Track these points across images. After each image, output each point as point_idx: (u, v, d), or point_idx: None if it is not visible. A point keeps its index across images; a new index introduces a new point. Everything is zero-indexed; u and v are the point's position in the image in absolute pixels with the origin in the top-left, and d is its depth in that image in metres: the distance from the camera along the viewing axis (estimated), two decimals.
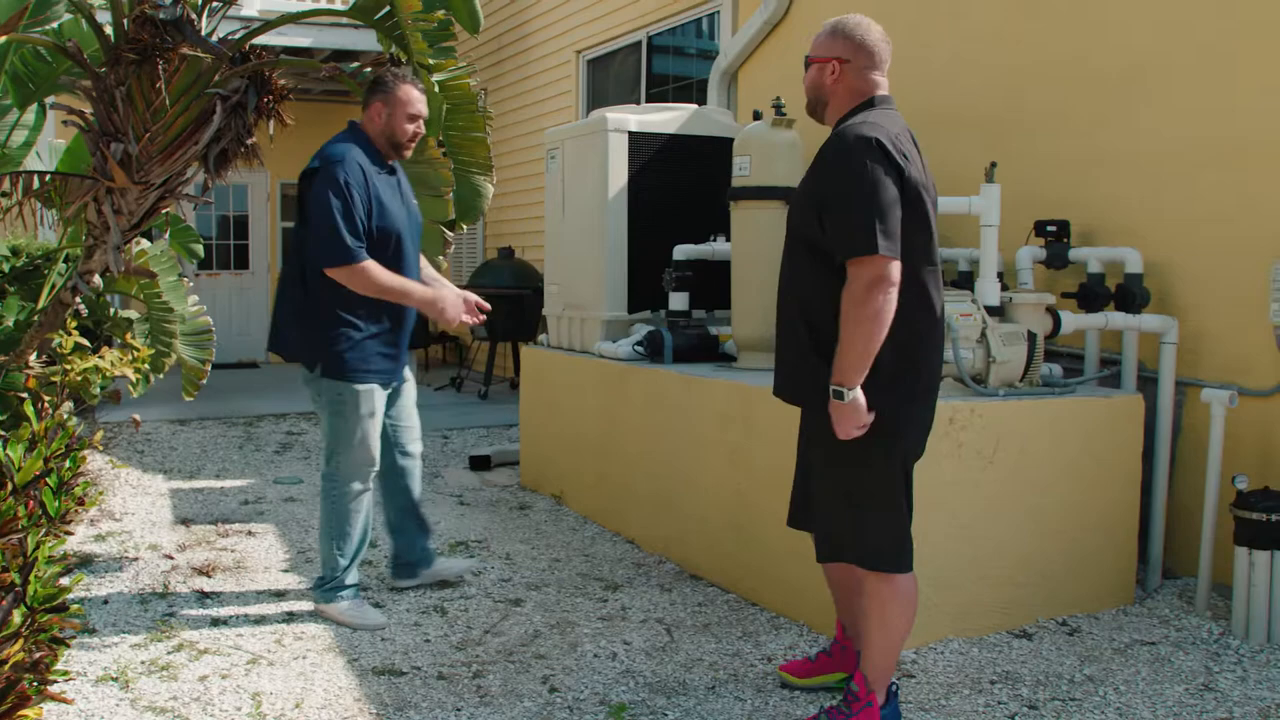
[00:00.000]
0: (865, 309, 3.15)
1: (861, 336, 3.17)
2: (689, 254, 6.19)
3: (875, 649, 3.47)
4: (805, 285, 3.42)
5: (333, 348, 4.46)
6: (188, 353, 6.83)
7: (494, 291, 10.63)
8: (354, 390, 4.50)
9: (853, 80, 3.42)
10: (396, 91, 4.51)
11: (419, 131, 4.60)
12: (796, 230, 3.45)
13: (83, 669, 4.01)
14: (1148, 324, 5.01)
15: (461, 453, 8.29)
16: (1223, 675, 4.07)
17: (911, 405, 3.42)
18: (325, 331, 4.46)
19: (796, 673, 3.96)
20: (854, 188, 3.18)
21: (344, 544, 4.62)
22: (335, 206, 4.32)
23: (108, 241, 4.95)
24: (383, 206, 4.44)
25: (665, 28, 9.27)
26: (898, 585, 3.44)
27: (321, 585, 4.65)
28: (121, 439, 8.55)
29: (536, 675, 4.05)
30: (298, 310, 4.55)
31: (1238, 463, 4.77)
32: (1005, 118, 5.90)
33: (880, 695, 3.50)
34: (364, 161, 4.45)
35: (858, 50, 3.41)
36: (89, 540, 5.71)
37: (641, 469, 5.81)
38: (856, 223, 3.16)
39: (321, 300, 4.46)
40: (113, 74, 4.75)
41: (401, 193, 4.64)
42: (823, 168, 3.34)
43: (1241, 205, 4.84)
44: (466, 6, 4.99)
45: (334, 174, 4.36)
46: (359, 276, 4.36)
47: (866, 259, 3.14)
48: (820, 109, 3.53)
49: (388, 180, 4.56)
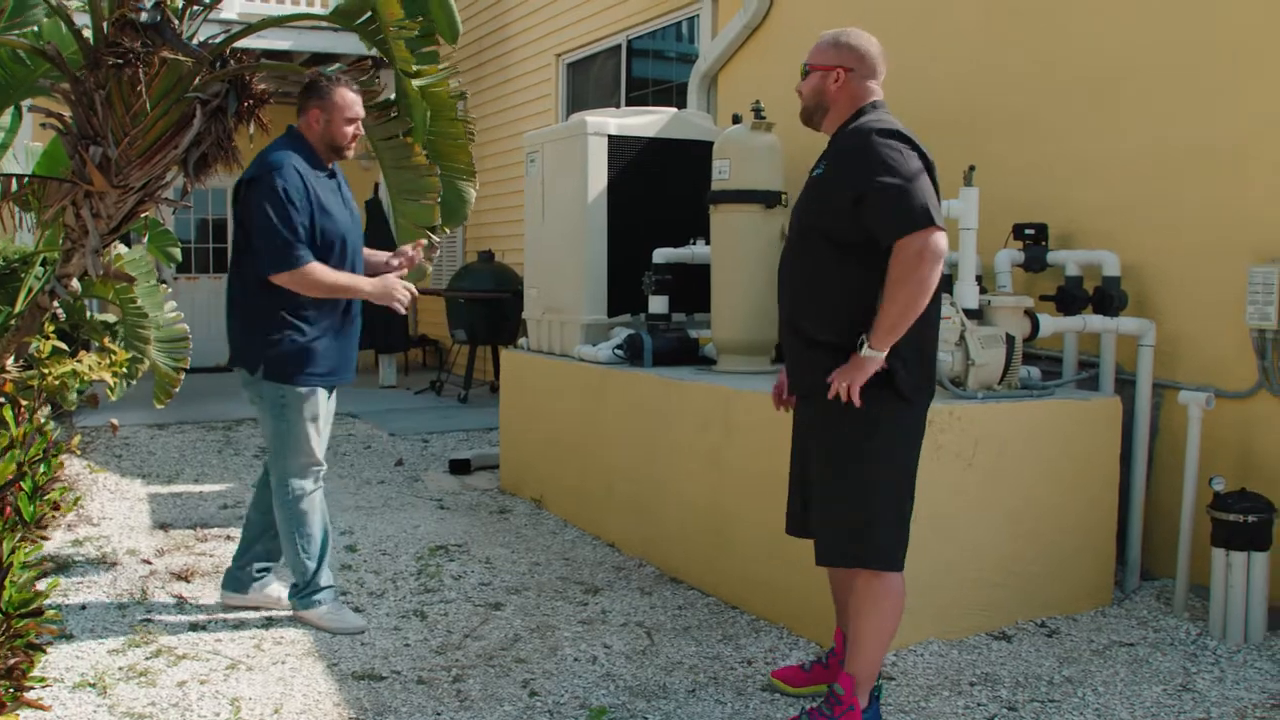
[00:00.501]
0: (913, 276, 3.27)
1: (903, 302, 3.29)
2: (669, 257, 6.20)
3: (866, 647, 3.50)
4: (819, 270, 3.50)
5: (275, 350, 4.42)
6: (161, 359, 6.79)
7: (474, 295, 10.64)
8: (297, 393, 4.46)
9: (854, 88, 3.57)
10: (333, 96, 4.46)
11: (358, 134, 4.57)
12: (814, 219, 3.53)
13: (59, 675, 3.98)
14: (1125, 327, 5.03)
15: (441, 456, 8.28)
16: (1200, 676, 4.10)
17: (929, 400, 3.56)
18: (268, 334, 4.42)
19: (790, 682, 3.96)
20: (896, 173, 3.31)
21: (308, 545, 4.57)
22: (275, 214, 4.29)
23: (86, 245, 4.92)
24: (325, 210, 4.42)
25: (645, 31, 9.28)
26: (893, 583, 3.49)
27: (297, 591, 4.62)
28: (99, 443, 8.50)
29: (516, 679, 4.04)
30: (240, 315, 4.51)
31: (1215, 464, 4.80)
32: (983, 122, 5.93)
33: (863, 699, 3.52)
34: (302, 167, 4.42)
35: (861, 60, 3.57)
36: (66, 545, 5.68)
37: (621, 472, 5.81)
38: (907, 203, 3.28)
39: (264, 304, 4.41)
40: (92, 77, 4.73)
41: (342, 195, 4.61)
42: (851, 161, 3.43)
43: (1218, 209, 4.88)
44: (446, 16, 4.98)
45: (272, 182, 4.32)
46: (306, 279, 4.34)
47: (920, 232, 3.26)
48: (820, 115, 3.64)
49: (328, 183, 4.53)
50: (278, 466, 4.55)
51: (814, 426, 3.59)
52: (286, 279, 4.33)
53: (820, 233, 3.50)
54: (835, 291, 3.47)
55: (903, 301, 3.29)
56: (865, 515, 3.46)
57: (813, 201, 3.56)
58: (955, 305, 4.65)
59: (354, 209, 4.70)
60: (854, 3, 6.77)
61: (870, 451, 3.44)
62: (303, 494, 4.55)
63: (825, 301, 3.49)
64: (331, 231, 4.44)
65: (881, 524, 3.46)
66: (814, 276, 3.52)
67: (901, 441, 3.49)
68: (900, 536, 3.51)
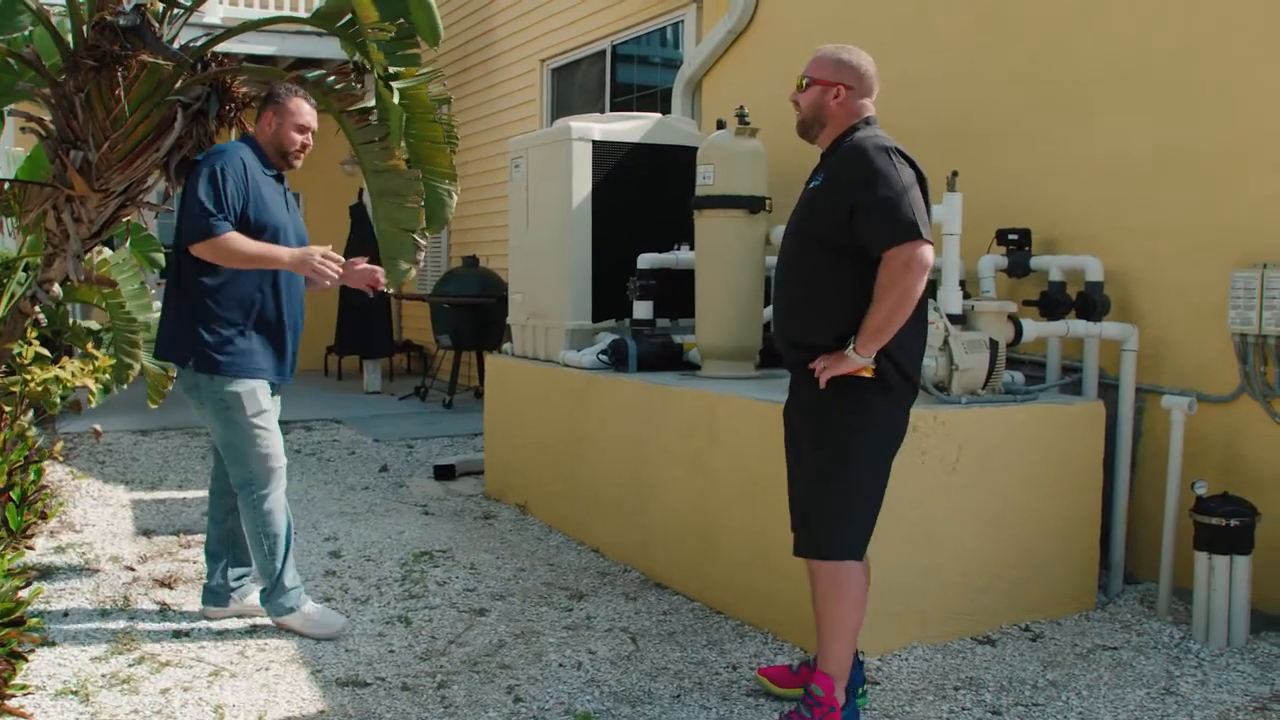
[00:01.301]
0: (898, 286, 3.41)
1: (888, 309, 3.43)
2: (653, 263, 6.19)
3: (834, 640, 3.59)
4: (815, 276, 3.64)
5: (207, 341, 4.37)
6: (151, 361, 6.78)
7: (459, 300, 10.63)
8: (234, 393, 4.39)
9: (852, 106, 3.71)
10: (287, 103, 4.51)
11: (307, 143, 4.58)
12: (810, 226, 3.66)
13: (42, 683, 3.96)
14: (1108, 331, 5.05)
15: (426, 462, 8.26)
16: (1184, 679, 4.11)
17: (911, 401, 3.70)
18: (200, 327, 4.37)
19: (777, 681, 4.00)
20: (889, 186, 3.45)
21: (274, 546, 4.52)
22: (203, 190, 4.29)
23: (67, 250, 4.91)
24: (262, 199, 4.42)
25: (629, 37, 9.28)
26: (850, 572, 3.59)
27: (265, 596, 4.58)
28: (82, 449, 8.46)
29: (501, 685, 4.04)
30: (173, 306, 4.47)
31: (1197, 468, 4.81)
32: (966, 128, 5.94)
33: (841, 697, 3.58)
34: (248, 158, 4.45)
35: (860, 79, 3.71)
36: (49, 552, 5.65)
37: (606, 478, 5.81)
38: (897, 216, 3.42)
39: (197, 295, 4.38)
40: (72, 80, 4.72)
41: (286, 200, 4.61)
42: (847, 173, 3.56)
43: (1201, 214, 4.90)
44: (427, 19, 4.98)
45: (210, 163, 4.35)
46: (222, 248, 4.27)
47: (908, 244, 3.40)
48: (817, 129, 3.76)
49: (273, 183, 4.54)
50: (236, 472, 4.50)
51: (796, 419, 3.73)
52: (205, 249, 4.27)
53: (816, 241, 3.63)
54: (829, 298, 3.59)
55: (888, 309, 3.43)
56: (830, 508, 3.60)
57: (810, 211, 3.68)
58: (939, 310, 4.66)
59: (299, 223, 4.68)
60: (838, 11, 6.79)
61: (846, 446, 3.58)
62: (266, 495, 4.50)
63: (819, 307, 3.61)
64: (264, 219, 4.41)
65: (851, 517, 3.60)
66: (810, 283, 3.66)
67: (880, 439, 3.62)
68: (862, 530, 3.63)
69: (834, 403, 3.56)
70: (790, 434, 3.80)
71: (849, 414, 3.57)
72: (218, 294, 4.37)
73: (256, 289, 4.43)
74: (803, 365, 3.64)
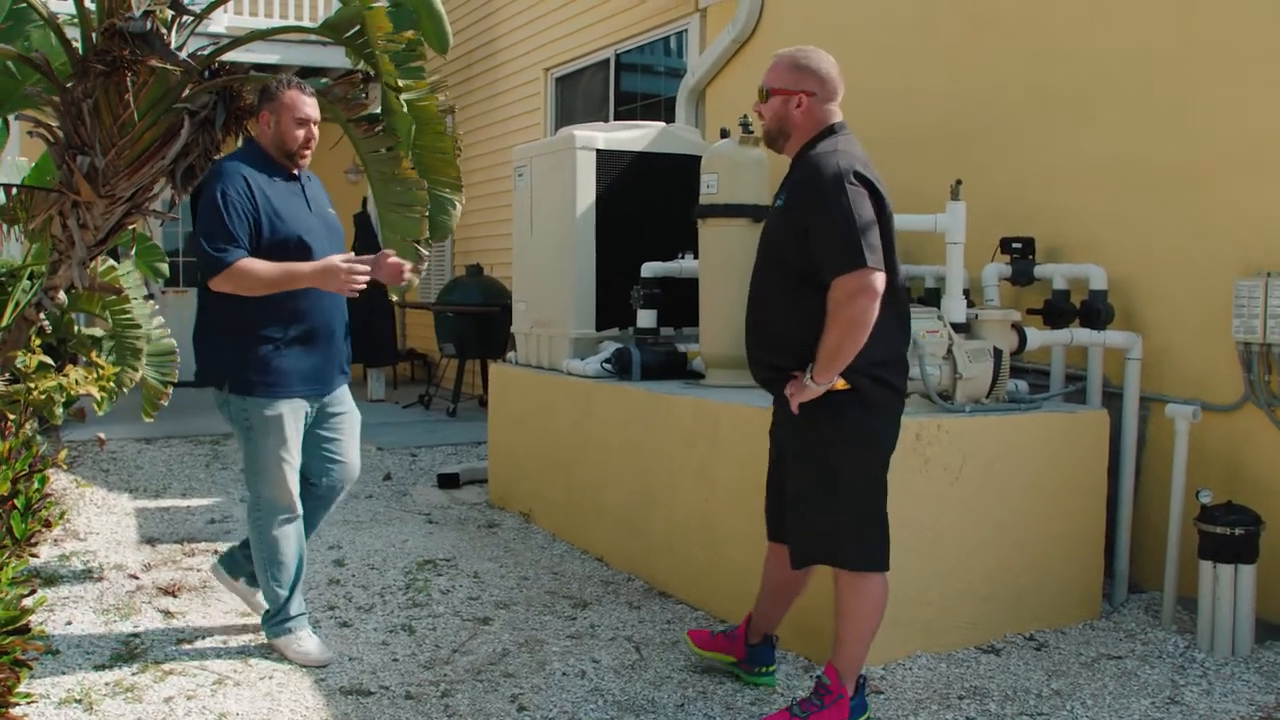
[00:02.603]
0: (844, 313, 3.40)
1: (836, 337, 3.42)
2: (657, 271, 6.20)
3: (849, 644, 3.64)
4: (776, 298, 3.65)
5: (239, 363, 4.24)
6: (150, 374, 6.77)
7: (463, 309, 10.63)
8: (262, 414, 4.26)
9: (816, 112, 3.64)
10: (282, 97, 4.27)
11: (310, 136, 4.34)
12: (773, 248, 3.68)
13: (45, 692, 3.96)
14: (1112, 340, 5.05)
15: (430, 470, 8.26)
16: (1188, 688, 4.10)
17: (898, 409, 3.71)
18: (230, 348, 4.26)
19: (697, 641, 4.26)
20: (837, 212, 3.40)
21: (279, 573, 4.39)
22: (207, 222, 4.13)
23: (72, 257, 4.92)
24: (274, 211, 4.23)
25: (633, 46, 9.30)
26: (874, 583, 3.63)
27: (268, 619, 4.46)
28: (86, 458, 8.47)
29: (505, 694, 4.03)
30: (202, 328, 4.36)
31: (1202, 477, 4.81)
32: (969, 136, 5.94)
33: (850, 687, 3.65)
34: (250, 171, 4.24)
35: (822, 84, 3.63)
36: (53, 560, 5.65)
37: (610, 486, 5.81)
38: (843, 243, 3.38)
39: (225, 315, 4.26)
40: (80, 86, 4.73)
41: (307, 199, 4.42)
42: (802, 195, 3.54)
43: (1204, 222, 4.90)
44: (436, 27, 4.99)
45: (211, 188, 4.17)
46: (238, 277, 4.10)
47: (857, 272, 3.36)
48: (782, 140, 3.73)
49: (287, 187, 4.34)
50: (250, 488, 4.40)
51: (787, 432, 3.75)
52: (224, 282, 4.13)
53: (778, 262, 3.64)
54: (793, 321, 3.59)
55: (837, 337, 3.42)
56: (835, 517, 3.60)
57: (774, 231, 3.69)
58: (943, 319, 4.66)
59: (328, 216, 4.51)
60: (838, 19, 6.80)
61: (840, 455, 3.60)
62: (276, 521, 4.38)
63: (783, 329, 3.63)
64: (282, 231, 4.23)
65: (857, 525, 3.61)
66: (774, 304, 3.67)
67: (870, 444, 3.64)
68: (879, 536, 3.65)
69: (812, 418, 3.59)
70: (778, 445, 3.86)
71: (828, 428, 3.59)
72: (247, 312, 4.21)
73: (285, 302, 4.23)
74: (774, 384, 3.69)
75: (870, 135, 4.15)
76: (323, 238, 4.38)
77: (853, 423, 3.58)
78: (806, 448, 3.65)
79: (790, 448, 3.73)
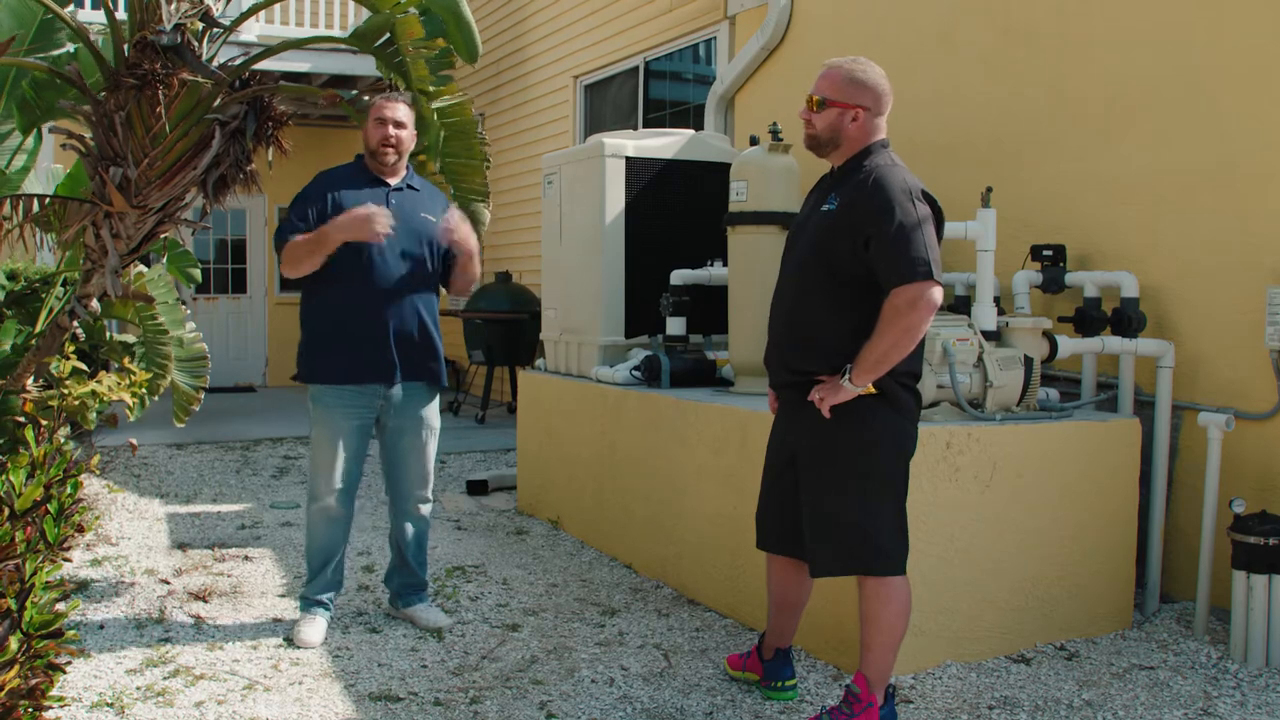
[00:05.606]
0: (901, 322, 3.45)
1: (888, 343, 3.47)
2: (686, 279, 6.20)
3: (877, 650, 3.65)
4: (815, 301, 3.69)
5: (300, 352, 4.67)
6: (181, 379, 6.82)
7: (491, 315, 10.66)
8: (314, 401, 4.64)
9: (869, 126, 3.70)
10: (372, 105, 4.64)
11: (388, 135, 4.57)
12: (820, 252, 3.67)
13: (78, 695, 3.99)
14: (1144, 348, 5.02)
15: (459, 477, 8.28)
16: (1221, 700, 4.07)
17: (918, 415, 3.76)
18: (301, 341, 4.67)
19: (732, 665, 4.27)
20: (908, 223, 3.47)
21: (309, 554, 4.77)
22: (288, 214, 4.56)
23: (105, 265, 4.96)
24: (342, 208, 4.46)
25: (662, 53, 9.31)
26: (897, 587, 3.65)
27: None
28: (118, 463, 8.54)
29: (534, 701, 4.04)
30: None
31: (1235, 486, 4.77)
32: (1000, 144, 5.92)
33: (879, 696, 3.66)
34: (337, 176, 4.63)
35: (878, 99, 3.70)
36: (85, 565, 5.70)
37: (638, 493, 5.81)
38: (911, 253, 3.45)
39: (302, 312, 4.69)
40: (112, 99, 4.77)
41: (388, 200, 4.58)
42: (865, 204, 3.56)
43: (1236, 229, 4.86)
44: (465, 37, 5.02)
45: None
46: (284, 256, 4.49)
47: (918, 283, 3.43)
48: (830, 149, 3.76)
49: (371, 194, 4.55)
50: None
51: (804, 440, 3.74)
52: (282, 265, 4.52)
53: (825, 267, 3.65)
54: (831, 326, 3.64)
55: (888, 343, 3.47)
56: (864, 523, 3.62)
57: (823, 237, 3.68)
58: (973, 327, 4.64)
59: (415, 222, 4.60)
60: (871, 27, 6.79)
61: (872, 459, 3.63)
62: (313, 509, 4.72)
63: (821, 334, 3.66)
64: None
65: (881, 530, 3.63)
66: (813, 308, 3.69)
67: (893, 451, 3.67)
68: (900, 541, 3.68)
69: (840, 422, 3.61)
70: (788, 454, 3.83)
71: (856, 431, 3.62)
72: (308, 307, 4.63)
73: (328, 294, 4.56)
74: (799, 389, 3.70)
75: (899, 143, 4.14)
76: (395, 245, 4.53)
77: (885, 425, 3.62)
78: (835, 453, 3.65)
79: (810, 456, 3.72)
